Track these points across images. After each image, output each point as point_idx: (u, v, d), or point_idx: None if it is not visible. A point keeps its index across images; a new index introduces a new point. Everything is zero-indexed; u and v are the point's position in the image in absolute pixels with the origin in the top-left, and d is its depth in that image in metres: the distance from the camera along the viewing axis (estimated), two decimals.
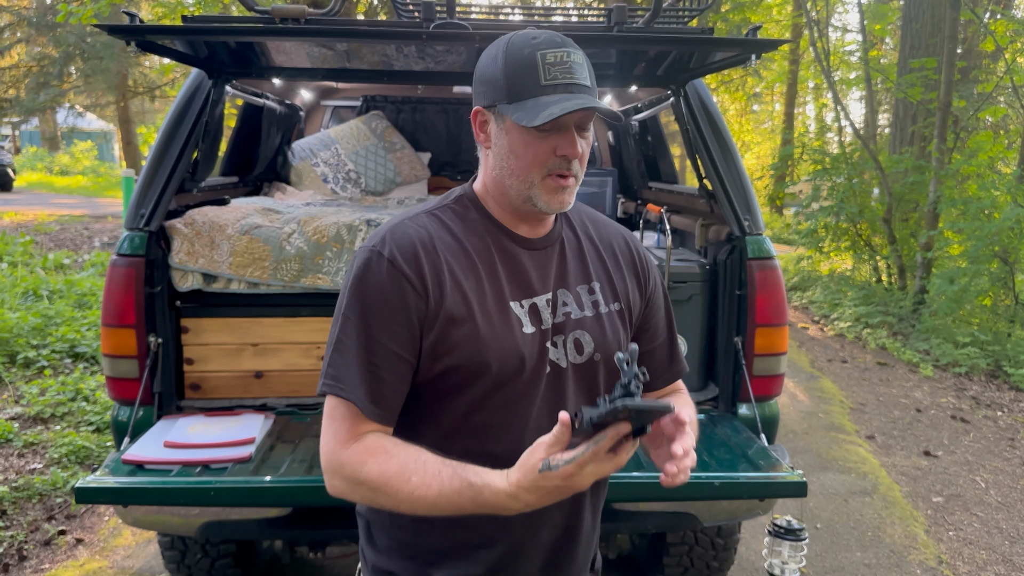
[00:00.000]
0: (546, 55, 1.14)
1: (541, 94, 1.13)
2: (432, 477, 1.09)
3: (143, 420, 2.45)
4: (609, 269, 1.32)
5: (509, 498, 1.05)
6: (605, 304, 1.28)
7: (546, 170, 1.17)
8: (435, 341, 1.16)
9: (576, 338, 1.24)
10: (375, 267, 1.16)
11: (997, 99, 10.10)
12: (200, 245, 2.61)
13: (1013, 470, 4.51)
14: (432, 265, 1.17)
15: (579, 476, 1.00)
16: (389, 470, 1.10)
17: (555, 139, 1.15)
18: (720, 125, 2.87)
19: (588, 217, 1.37)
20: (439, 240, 1.20)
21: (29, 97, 19.98)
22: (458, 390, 1.18)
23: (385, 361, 1.15)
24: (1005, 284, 7.57)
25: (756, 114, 27.91)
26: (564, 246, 1.29)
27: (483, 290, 1.19)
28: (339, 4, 2.36)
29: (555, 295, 1.25)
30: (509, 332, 1.19)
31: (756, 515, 2.34)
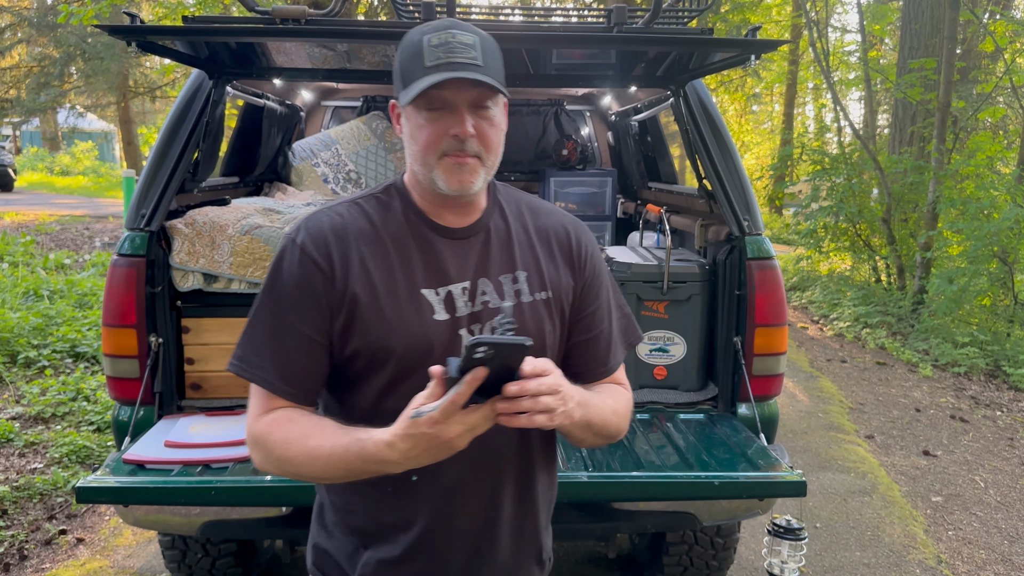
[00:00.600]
0: (431, 39, 1.18)
1: (424, 75, 1.16)
2: (327, 437, 1.15)
3: (144, 420, 2.45)
4: (539, 258, 1.31)
5: (387, 446, 1.07)
6: (529, 293, 1.28)
7: (440, 151, 1.19)
8: (343, 325, 1.21)
9: (493, 327, 1.25)
10: (288, 255, 1.23)
11: (996, 99, 10.11)
12: (201, 245, 2.61)
13: (1012, 470, 4.51)
14: (341, 251, 1.22)
15: (446, 425, 1.02)
16: (291, 435, 1.17)
17: (446, 120, 1.18)
18: (720, 125, 2.87)
19: (528, 206, 1.37)
20: (353, 228, 1.24)
21: (30, 97, 19.98)
22: (368, 374, 1.23)
23: (295, 342, 1.21)
24: (1004, 284, 7.58)
25: (755, 114, 27.92)
26: (490, 235, 1.29)
27: (393, 277, 1.22)
28: (339, 5, 2.37)
29: (475, 284, 1.25)
30: (418, 318, 1.21)
31: (756, 514, 2.35)
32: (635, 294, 2.87)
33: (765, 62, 18.01)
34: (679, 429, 2.54)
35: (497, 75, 1.20)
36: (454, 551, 1.28)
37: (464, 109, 1.18)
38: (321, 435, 1.16)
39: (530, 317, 1.27)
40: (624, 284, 2.88)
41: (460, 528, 1.27)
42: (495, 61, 1.21)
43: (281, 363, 1.21)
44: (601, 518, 2.40)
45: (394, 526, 1.27)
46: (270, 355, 1.21)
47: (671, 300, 2.86)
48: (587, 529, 2.56)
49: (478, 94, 1.18)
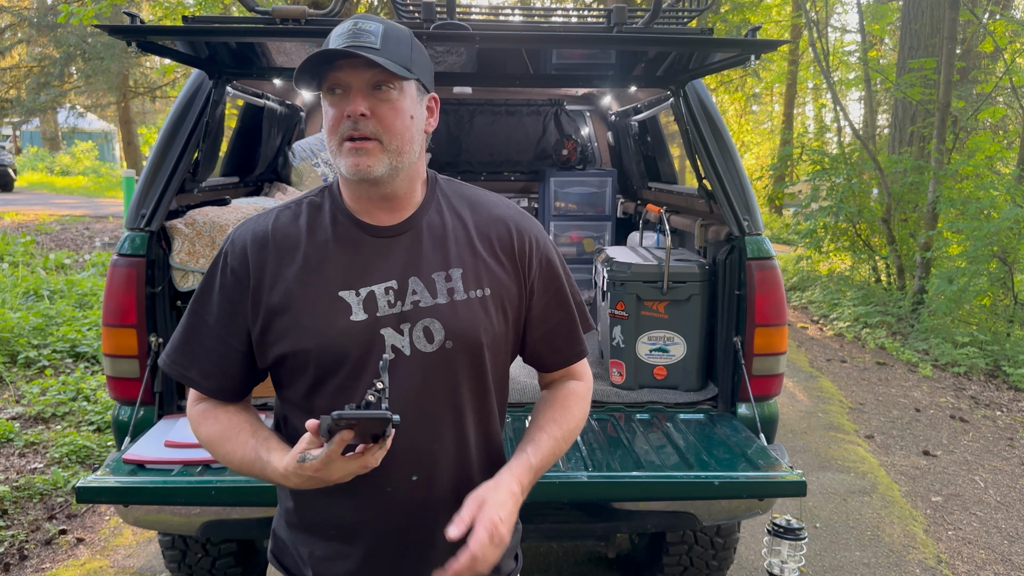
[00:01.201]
0: (338, 29, 1.21)
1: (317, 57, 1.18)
2: (239, 446, 1.24)
3: (144, 420, 2.45)
4: (478, 254, 1.29)
5: (281, 477, 1.16)
6: (464, 291, 1.26)
7: (339, 135, 1.20)
8: (261, 331, 1.25)
9: (425, 326, 1.24)
10: (215, 263, 1.29)
11: (996, 99, 10.11)
12: (201, 245, 2.61)
13: (1012, 470, 4.51)
14: (259, 259, 1.25)
15: (327, 472, 1.10)
16: (213, 433, 1.28)
17: (343, 103, 1.20)
18: (719, 125, 2.87)
19: (470, 202, 1.35)
20: (277, 232, 1.27)
21: (30, 97, 19.98)
22: (294, 375, 1.26)
23: (212, 343, 1.28)
24: (1004, 284, 7.58)
25: (755, 115, 27.92)
26: (422, 232, 1.28)
27: (311, 282, 1.24)
28: (339, 5, 2.37)
29: (404, 283, 1.24)
30: (333, 320, 1.22)
31: (755, 514, 2.35)
32: (635, 294, 2.87)
33: (765, 62, 18.01)
34: (679, 429, 2.54)
35: (398, 60, 1.19)
36: (387, 550, 1.29)
37: (360, 91, 1.19)
38: (235, 441, 1.25)
39: (465, 316, 1.26)
40: (624, 284, 2.88)
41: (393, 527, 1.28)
42: (399, 47, 1.21)
43: (200, 362, 1.29)
44: (601, 518, 2.41)
45: (327, 522, 1.30)
46: (190, 353, 1.29)
47: (671, 300, 2.86)
48: (587, 529, 2.56)
49: (373, 75, 1.18)
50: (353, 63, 1.17)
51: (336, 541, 1.29)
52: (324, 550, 1.30)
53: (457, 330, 1.25)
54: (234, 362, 1.29)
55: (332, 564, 1.30)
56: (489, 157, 5.34)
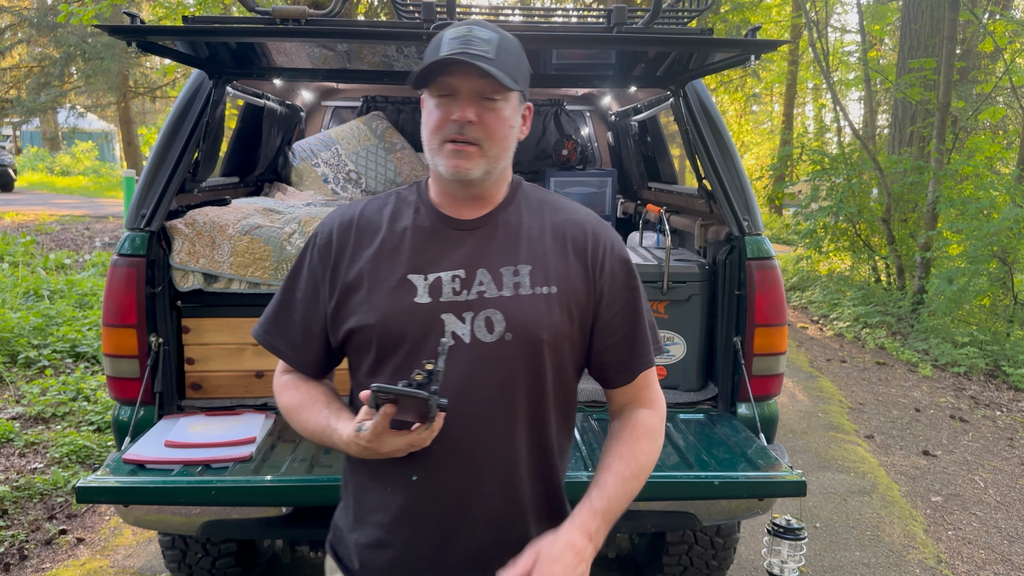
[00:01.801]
0: (451, 32, 1.26)
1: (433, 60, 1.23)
2: (314, 414, 1.32)
3: (144, 420, 2.45)
4: (549, 253, 1.31)
5: (344, 445, 1.24)
6: (530, 287, 1.28)
7: (443, 136, 1.25)
8: (336, 307, 1.33)
9: (487, 316, 1.26)
10: (307, 244, 1.40)
11: (996, 100, 10.11)
12: (201, 245, 2.61)
13: (1012, 469, 4.51)
14: (341, 241, 1.34)
15: (377, 443, 1.17)
16: (292, 402, 1.37)
17: (449, 106, 1.25)
18: (719, 126, 2.87)
19: (550, 205, 1.39)
20: (362, 219, 1.36)
21: (30, 97, 19.99)
22: (360, 353, 1.32)
23: (300, 318, 1.37)
24: (1004, 284, 7.58)
25: (755, 115, 27.93)
26: (499, 228, 1.32)
27: (383, 262, 1.30)
28: (339, 5, 2.37)
29: (472, 273, 1.28)
30: (398, 300, 1.27)
31: (755, 514, 2.35)
32: None
33: (765, 62, 18.01)
34: (679, 429, 2.54)
35: (509, 71, 1.23)
36: (427, 541, 1.30)
37: (468, 97, 1.24)
38: (310, 411, 1.32)
39: (529, 311, 1.27)
40: None
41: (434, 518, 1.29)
42: (511, 59, 1.25)
43: (287, 334, 1.39)
44: None
45: (372, 508, 1.33)
46: (280, 325, 1.40)
47: (671, 300, 2.86)
48: None
49: (483, 84, 1.23)
50: (465, 70, 1.21)
51: (379, 529, 1.32)
52: (368, 537, 1.33)
53: (518, 323, 1.26)
54: (315, 336, 1.37)
55: (375, 552, 1.32)
56: None
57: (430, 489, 1.28)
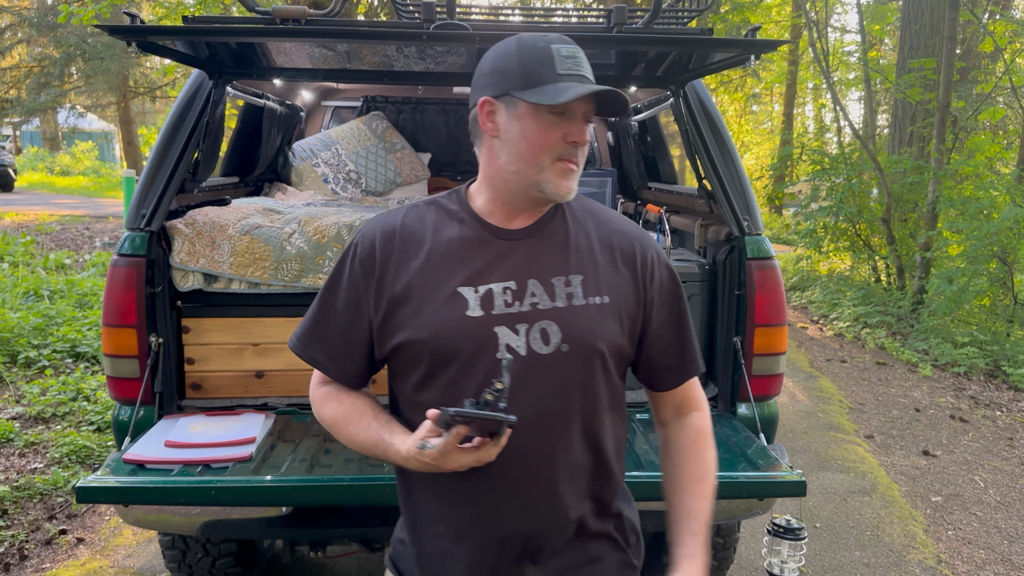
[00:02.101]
0: (560, 49, 1.24)
1: (558, 80, 1.21)
2: (362, 428, 1.31)
3: (144, 420, 2.45)
4: (599, 264, 1.32)
5: (402, 460, 1.24)
6: (583, 297, 1.28)
7: (556, 155, 1.24)
8: (383, 320, 1.30)
9: (542, 327, 1.26)
10: (346, 253, 1.36)
11: (996, 100, 10.11)
12: (201, 245, 2.61)
13: (1012, 470, 4.51)
14: (385, 252, 1.31)
15: (443, 460, 1.17)
16: (337, 415, 1.36)
17: (566, 126, 1.23)
18: (719, 126, 2.87)
19: (592, 213, 1.38)
20: (405, 229, 1.32)
21: (30, 97, 19.99)
22: (408, 367, 1.30)
23: (340, 329, 1.35)
24: (1004, 284, 7.58)
25: (755, 115, 27.92)
26: (547, 238, 1.31)
27: (430, 274, 1.28)
28: (339, 5, 2.37)
29: (523, 284, 1.27)
30: (450, 313, 1.25)
31: (755, 514, 2.35)
32: None
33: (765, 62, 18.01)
34: None
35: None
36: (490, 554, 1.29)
37: (582, 120, 1.24)
38: (358, 424, 1.32)
39: (583, 321, 1.27)
40: None
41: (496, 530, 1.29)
42: None
43: (327, 345, 1.36)
44: None
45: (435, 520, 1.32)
46: (319, 336, 1.37)
47: None
48: None
49: (590, 109, 1.25)
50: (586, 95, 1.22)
51: (443, 540, 1.31)
52: (432, 549, 1.33)
53: (574, 334, 1.26)
54: (357, 348, 1.34)
55: (439, 564, 1.32)
56: None
57: (492, 502, 1.28)
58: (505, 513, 1.28)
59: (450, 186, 5.12)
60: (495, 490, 1.27)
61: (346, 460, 2.21)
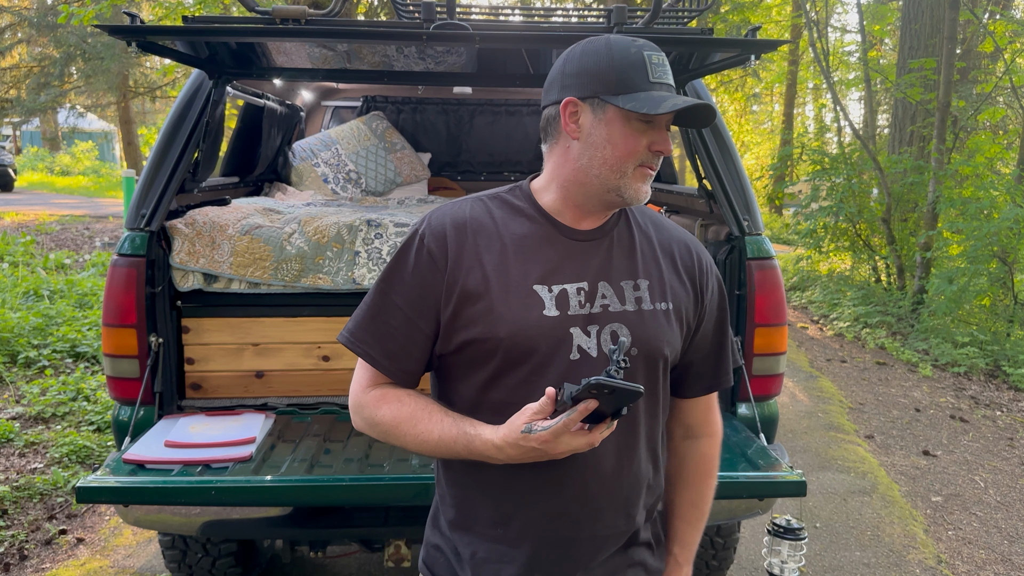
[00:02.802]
0: (651, 56, 1.23)
1: (651, 89, 1.21)
2: (435, 424, 1.24)
3: (144, 420, 2.45)
4: (663, 270, 1.33)
5: (495, 449, 1.17)
6: (650, 302, 1.29)
7: (639, 161, 1.24)
8: (452, 315, 1.25)
9: (613, 330, 1.25)
10: (409, 243, 1.29)
11: (996, 100, 10.11)
12: (201, 245, 2.61)
13: (1012, 470, 4.51)
14: (458, 244, 1.26)
15: (553, 444, 1.12)
16: (400, 415, 1.26)
17: (652, 134, 1.23)
18: (719, 125, 2.87)
19: (652, 220, 1.39)
20: (474, 221, 1.28)
21: (30, 97, 19.99)
22: (475, 365, 1.26)
23: (398, 322, 1.28)
24: (1004, 284, 7.58)
25: (755, 115, 27.93)
26: (614, 241, 1.31)
27: (507, 271, 1.25)
28: (339, 5, 2.37)
29: (594, 286, 1.27)
30: (527, 312, 1.23)
31: (756, 514, 2.35)
32: None
33: (765, 62, 18.01)
34: None
35: None
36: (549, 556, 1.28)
37: (665, 130, 1.25)
38: (429, 420, 1.24)
39: (651, 326, 1.28)
40: None
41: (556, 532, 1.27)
42: None
43: (383, 340, 1.29)
44: None
45: (492, 521, 1.29)
46: (374, 331, 1.29)
47: None
48: None
49: (670, 119, 1.25)
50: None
51: (500, 543, 1.29)
52: (487, 552, 1.30)
53: (644, 338, 1.27)
54: (418, 343, 1.29)
55: (494, 567, 1.29)
56: (489, 157, 5.34)
57: (558, 505, 1.26)
58: (564, 517, 1.27)
59: (450, 186, 5.12)
60: (563, 494, 1.25)
61: (346, 460, 2.21)
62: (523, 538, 1.27)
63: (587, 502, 1.27)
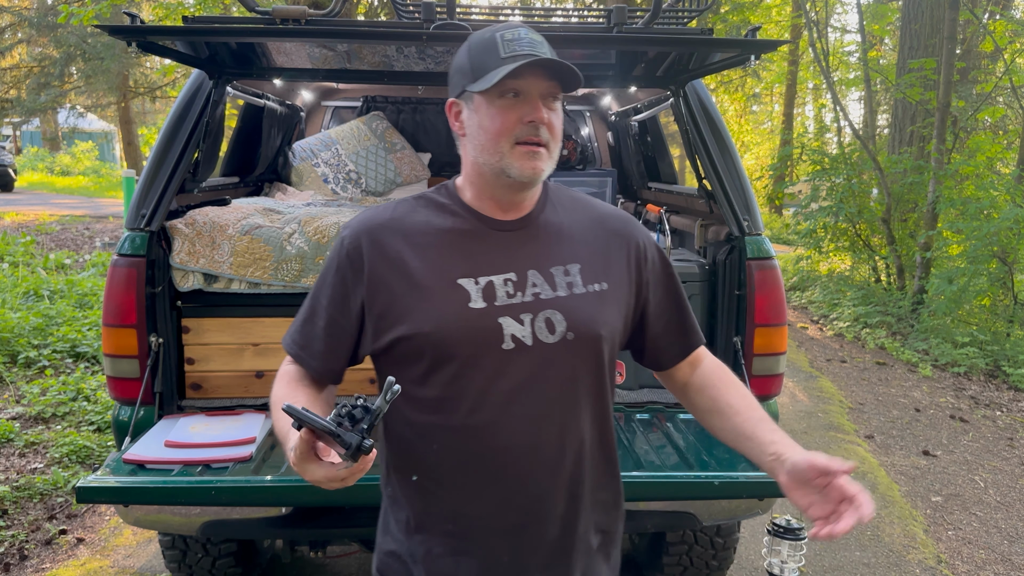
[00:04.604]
0: (504, 34, 1.24)
1: (500, 65, 1.21)
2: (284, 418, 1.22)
3: (144, 420, 2.46)
4: (595, 251, 1.34)
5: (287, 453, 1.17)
6: (583, 285, 1.30)
7: (514, 138, 1.23)
8: (378, 315, 1.28)
9: (547, 317, 1.26)
10: (336, 246, 1.34)
11: (996, 99, 10.11)
12: (201, 245, 2.61)
13: (1012, 469, 4.51)
14: (379, 244, 1.29)
15: (300, 467, 1.10)
16: (276, 397, 1.32)
17: (521, 107, 1.23)
18: (719, 126, 2.87)
19: (580, 201, 1.40)
20: (396, 222, 1.31)
21: (30, 97, 19.99)
22: (407, 362, 1.27)
23: (326, 325, 1.33)
24: (1004, 284, 7.58)
25: (755, 115, 27.93)
26: (541, 228, 1.32)
27: (431, 267, 1.26)
28: (340, 5, 2.37)
29: (523, 275, 1.28)
30: (451, 306, 1.24)
31: (755, 514, 2.35)
32: None
33: (765, 62, 18.01)
34: (679, 429, 2.54)
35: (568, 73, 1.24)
36: (503, 548, 1.29)
37: (538, 99, 1.23)
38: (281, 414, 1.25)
39: (586, 309, 1.29)
40: None
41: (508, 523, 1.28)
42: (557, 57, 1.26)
43: (312, 341, 1.34)
44: None
45: (444, 518, 1.29)
46: (305, 332, 1.36)
47: None
48: None
49: (549, 86, 1.24)
50: (536, 71, 1.21)
51: (453, 538, 1.29)
52: (442, 547, 1.30)
53: (578, 322, 1.27)
54: (342, 342, 1.33)
55: (449, 562, 1.30)
56: None
57: (501, 495, 1.27)
58: (515, 507, 1.28)
59: None
60: (506, 482, 1.26)
61: None
62: (475, 530, 1.28)
63: (532, 487, 1.27)
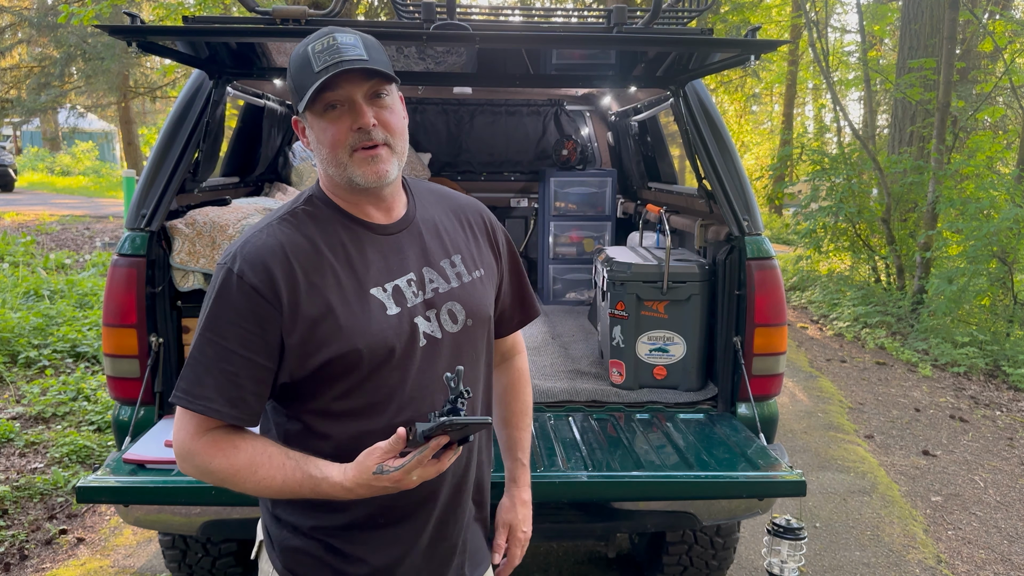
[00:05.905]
0: (314, 46, 1.23)
1: (314, 80, 1.20)
2: (276, 469, 1.20)
3: (144, 419, 2.46)
4: (468, 240, 1.42)
5: (345, 491, 1.18)
6: (468, 273, 1.38)
7: (349, 147, 1.24)
8: (300, 342, 1.22)
9: (449, 309, 1.33)
10: (226, 284, 1.22)
11: (996, 99, 10.11)
12: (201, 245, 2.62)
13: (1012, 469, 4.51)
14: (283, 272, 1.22)
15: (406, 479, 1.15)
16: (238, 463, 1.21)
17: (347, 116, 1.23)
18: (719, 126, 2.87)
19: (440, 195, 1.46)
20: (289, 245, 1.25)
21: (30, 97, 19.98)
22: (334, 379, 1.25)
23: (240, 367, 1.22)
24: (1004, 284, 7.58)
25: (755, 115, 27.91)
26: (420, 226, 1.36)
27: (340, 283, 1.25)
28: (339, 5, 2.37)
29: (420, 274, 1.32)
30: (372, 317, 1.25)
31: (755, 514, 2.35)
32: (635, 294, 2.87)
33: (765, 62, 18.01)
34: (679, 429, 2.55)
35: (384, 66, 1.24)
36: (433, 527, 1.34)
37: (361, 102, 1.23)
38: (270, 466, 1.20)
39: (476, 295, 1.37)
40: (624, 284, 2.88)
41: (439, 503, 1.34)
42: (379, 55, 1.26)
43: (226, 390, 1.21)
44: (601, 518, 2.41)
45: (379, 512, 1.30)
46: (214, 384, 1.21)
47: (671, 300, 2.86)
48: (587, 529, 2.57)
49: (371, 85, 1.23)
50: (350, 77, 1.21)
51: (388, 527, 1.31)
52: (379, 540, 1.31)
53: (473, 308, 1.36)
54: (263, 381, 1.24)
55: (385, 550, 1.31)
56: (489, 157, 5.35)
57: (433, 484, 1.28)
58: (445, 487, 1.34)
59: (451, 186, 5.13)
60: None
61: None
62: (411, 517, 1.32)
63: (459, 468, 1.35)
